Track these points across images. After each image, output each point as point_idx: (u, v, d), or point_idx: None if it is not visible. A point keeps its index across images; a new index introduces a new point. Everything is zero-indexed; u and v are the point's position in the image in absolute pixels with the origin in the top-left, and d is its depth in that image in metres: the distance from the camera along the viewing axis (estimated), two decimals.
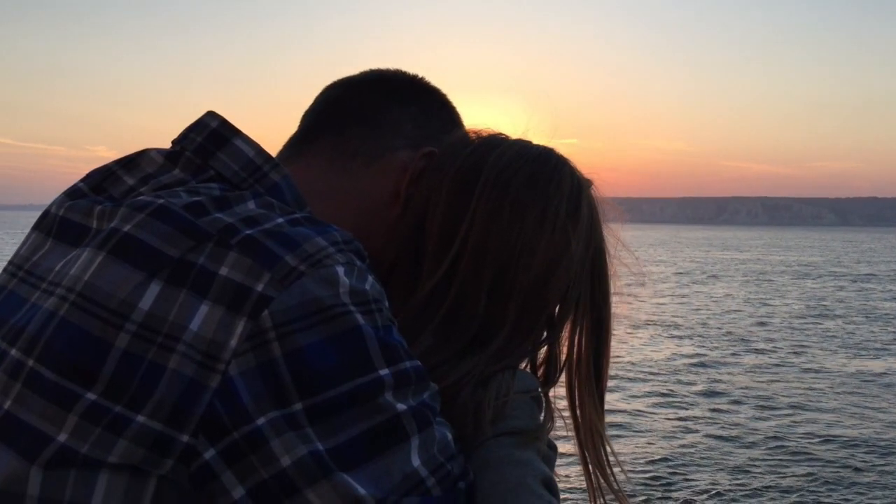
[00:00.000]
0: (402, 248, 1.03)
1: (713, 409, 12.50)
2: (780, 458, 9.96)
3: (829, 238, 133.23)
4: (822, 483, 9.08)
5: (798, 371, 15.70)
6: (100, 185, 0.90)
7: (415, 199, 1.03)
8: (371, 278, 0.82)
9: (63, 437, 0.73)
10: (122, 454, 0.72)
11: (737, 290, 33.65)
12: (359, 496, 0.73)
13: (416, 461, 0.78)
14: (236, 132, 0.91)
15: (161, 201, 0.81)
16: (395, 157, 1.05)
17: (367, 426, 0.76)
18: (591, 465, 1.02)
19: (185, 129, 0.91)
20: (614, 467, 1.04)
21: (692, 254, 66.43)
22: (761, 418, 11.96)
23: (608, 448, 1.03)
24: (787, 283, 37.50)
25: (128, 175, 0.90)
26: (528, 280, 0.98)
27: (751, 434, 11.06)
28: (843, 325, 22.76)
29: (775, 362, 16.64)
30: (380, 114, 1.06)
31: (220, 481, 0.74)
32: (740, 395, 13.50)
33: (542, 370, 1.06)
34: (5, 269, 0.91)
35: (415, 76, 1.12)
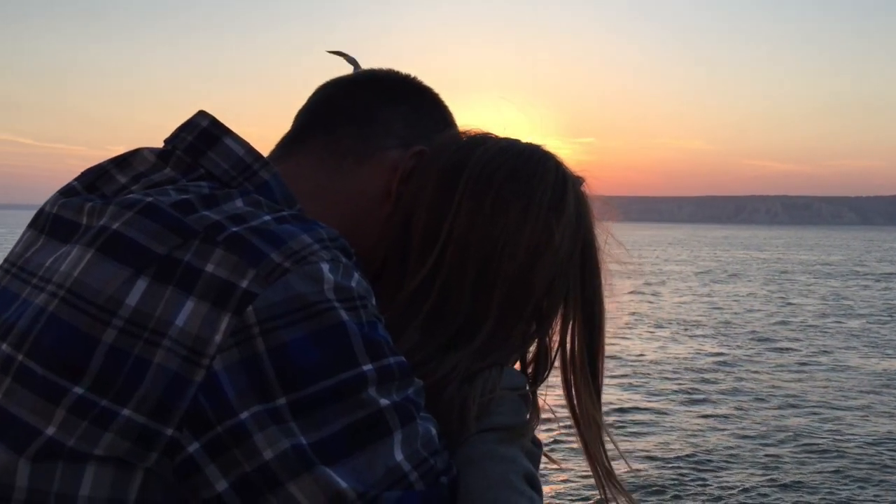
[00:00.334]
0: (390, 246, 1.04)
1: (738, 406, 12.52)
2: (808, 455, 9.98)
3: (850, 237, 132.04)
4: (851, 480, 9.10)
5: (823, 369, 15.67)
6: (93, 183, 0.91)
7: (403, 197, 1.04)
8: (357, 275, 0.83)
9: (51, 430, 0.74)
10: (107, 447, 0.74)
11: (758, 289, 33.50)
12: (340, 489, 0.75)
13: (399, 456, 0.79)
14: (226, 131, 0.93)
15: (149, 199, 0.82)
16: (385, 156, 1.06)
17: (350, 421, 0.77)
18: (596, 462, 1.02)
19: (177, 129, 0.93)
20: (617, 460, 1.05)
21: (712, 253, 66.10)
22: (788, 416, 11.97)
23: (607, 439, 1.03)
24: (810, 283, 37.28)
25: (120, 174, 0.91)
26: (510, 272, 0.99)
27: (778, 432, 11.08)
28: (868, 324, 22.64)
29: (800, 361, 16.61)
30: (371, 113, 1.07)
31: (204, 474, 0.75)
32: (766, 393, 13.50)
33: (532, 365, 1.05)
34: (1, 266, 0.92)
35: (407, 76, 1.13)
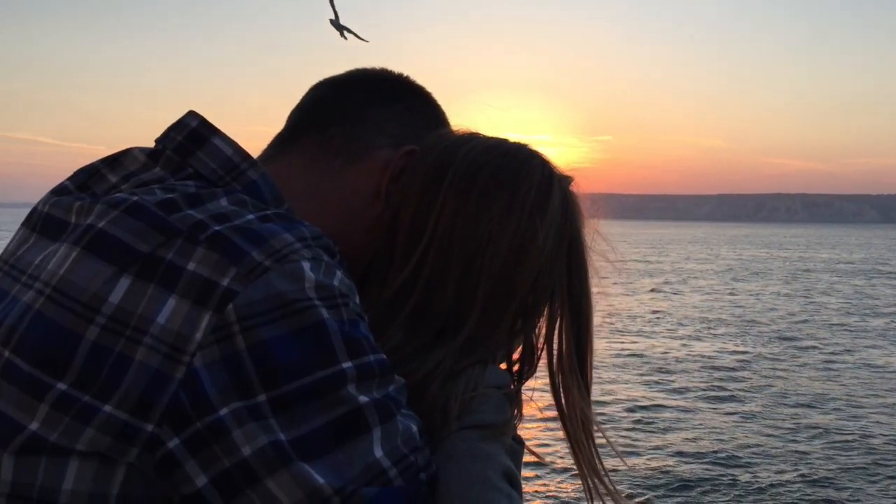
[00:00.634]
0: (379, 244, 1.05)
1: (765, 403, 12.53)
2: (835, 452, 10.00)
3: (871, 235, 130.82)
4: (880, 477, 9.11)
5: (848, 367, 15.63)
6: (85, 182, 0.92)
7: (392, 196, 1.05)
8: (339, 273, 0.84)
9: (34, 425, 0.75)
10: (89, 442, 0.75)
11: (781, 287, 33.34)
12: (317, 485, 0.75)
13: (378, 452, 0.79)
14: (215, 131, 0.94)
15: (135, 198, 0.83)
16: (377, 155, 1.06)
17: (330, 418, 0.77)
18: (581, 459, 1.02)
19: (167, 129, 0.94)
20: (613, 457, 1.03)
21: (732, 251, 65.73)
22: (813, 413, 11.97)
23: (597, 435, 1.03)
24: (832, 281, 37.04)
25: (112, 173, 0.92)
26: (494, 270, 0.99)
27: (805, 429, 11.09)
28: (893, 322, 22.51)
29: (825, 359, 16.57)
30: (363, 113, 1.07)
31: (184, 469, 0.76)
32: (791, 390, 13.50)
33: (518, 363, 1.06)
34: None
35: (400, 75, 1.13)
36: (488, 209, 1.00)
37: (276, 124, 1.12)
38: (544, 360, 1.05)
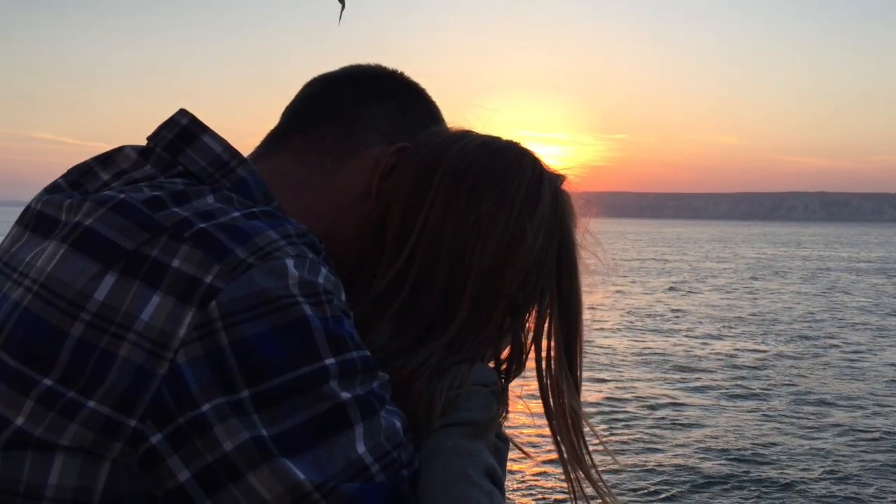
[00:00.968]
0: (369, 241, 1.04)
1: (787, 401, 12.55)
2: (859, 450, 10.02)
3: (891, 233, 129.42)
4: None
5: (872, 366, 15.61)
6: (77, 180, 0.93)
7: (382, 193, 1.05)
8: (325, 270, 0.84)
9: (20, 420, 0.76)
10: (73, 437, 0.75)
11: (801, 286, 33.20)
12: (298, 481, 0.76)
13: (360, 448, 0.79)
14: (205, 129, 0.94)
15: (122, 196, 0.83)
16: (368, 152, 1.05)
17: (312, 414, 0.78)
18: (567, 456, 1.02)
19: (158, 127, 0.94)
20: (603, 455, 1.03)
21: (751, 250, 65.38)
22: (836, 411, 11.98)
23: (587, 432, 1.03)
24: (853, 280, 36.82)
25: (104, 171, 0.92)
26: (482, 267, 0.99)
27: (829, 427, 11.11)
28: None
29: (846, 357, 16.54)
30: (355, 110, 1.07)
31: (167, 464, 0.76)
32: (814, 388, 13.50)
33: (507, 361, 1.06)
34: None
35: (394, 71, 1.12)
36: (477, 206, 1.00)
37: None
38: (533, 358, 1.05)
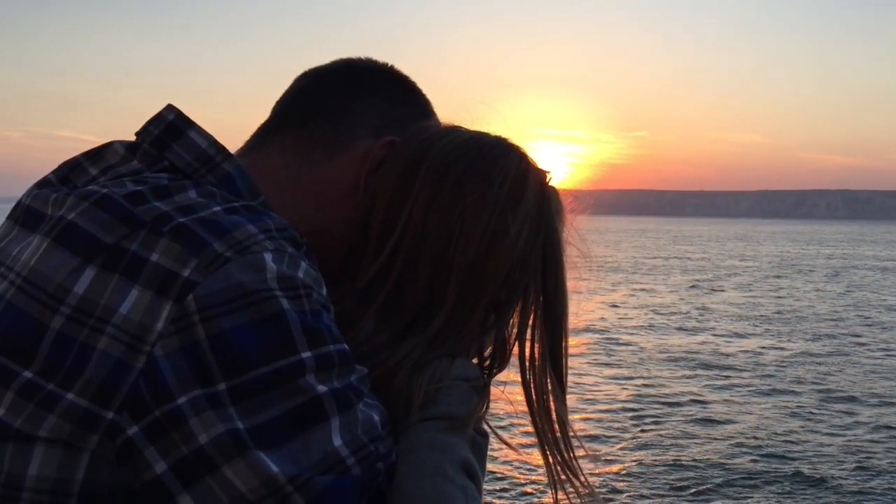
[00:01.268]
0: (356, 235, 1.05)
1: (817, 399, 12.51)
2: (892, 446, 10.01)
3: None
4: None
5: None
6: (67, 175, 0.93)
7: (370, 187, 1.05)
8: (304, 265, 0.84)
9: (1, 412, 0.77)
10: (51, 429, 0.76)
11: (826, 284, 32.96)
12: (272, 474, 0.76)
13: (337, 441, 0.80)
14: (191, 125, 0.95)
15: (105, 191, 0.84)
16: (357, 146, 1.06)
17: (288, 407, 0.78)
18: (548, 453, 1.02)
19: (146, 123, 0.95)
20: (580, 452, 1.04)
21: (774, 248, 64.89)
22: (868, 408, 11.94)
23: (570, 432, 1.03)
24: (879, 278, 36.48)
25: (92, 166, 0.93)
26: (465, 262, 0.99)
27: (861, 424, 11.08)
28: None
29: (875, 355, 16.44)
30: (344, 104, 1.07)
31: (144, 456, 0.76)
32: (844, 387, 13.45)
33: (489, 357, 1.05)
34: None
35: (384, 64, 1.12)
36: (461, 201, 1.00)
37: None
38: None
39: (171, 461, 0.76)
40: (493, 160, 1.03)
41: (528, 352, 1.03)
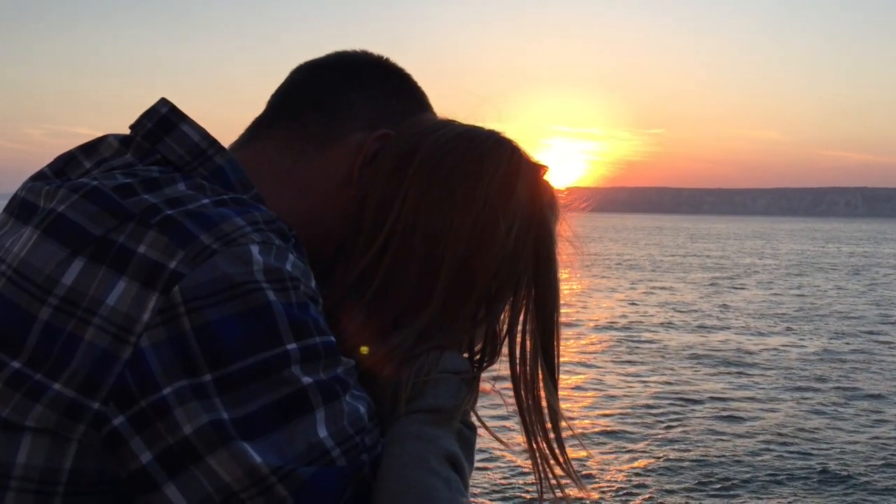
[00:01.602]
0: (349, 228, 1.04)
1: (843, 396, 12.49)
2: None
3: None
4: None
5: None
6: (62, 168, 0.94)
7: (363, 180, 1.05)
8: (292, 257, 0.85)
9: None
10: (38, 419, 0.77)
11: (847, 282, 32.76)
12: (255, 464, 0.76)
13: (322, 432, 0.80)
14: (184, 118, 0.95)
15: (95, 183, 0.85)
16: (350, 139, 1.05)
17: (273, 398, 0.78)
18: (536, 448, 1.02)
19: (140, 116, 0.95)
20: (567, 433, 1.03)
21: (794, 246, 64.48)
22: (893, 406, 11.94)
23: (562, 425, 1.02)
24: None
25: (87, 159, 0.94)
26: (455, 255, 0.99)
27: (886, 422, 11.07)
28: None
29: None
30: (338, 97, 1.07)
31: (129, 446, 0.77)
32: (868, 383, 13.42)
33: (480, 350, 1.05)
34: None
35: (380, 57, 1.12)
36: (452, 194, 1.00)
37: None
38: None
39: (156, 451, 0.77)
40: (484, 154, 1.02)
41: (518, 346, 1.03)
